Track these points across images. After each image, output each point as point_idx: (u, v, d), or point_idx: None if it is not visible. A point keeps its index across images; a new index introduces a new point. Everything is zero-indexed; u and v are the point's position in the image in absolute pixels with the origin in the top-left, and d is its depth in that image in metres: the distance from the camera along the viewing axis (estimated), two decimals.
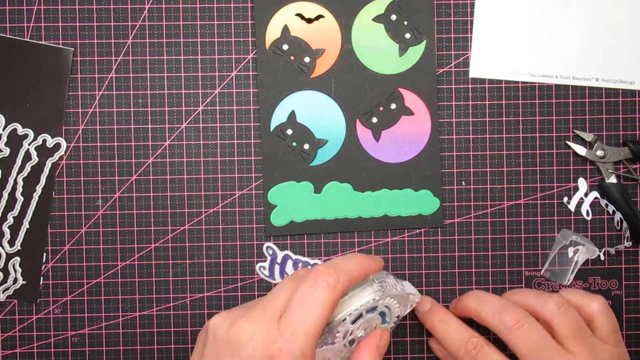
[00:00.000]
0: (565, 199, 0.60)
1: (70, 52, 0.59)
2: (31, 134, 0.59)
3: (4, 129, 0.59)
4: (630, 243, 0.60)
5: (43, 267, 0.59)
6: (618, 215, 0.60)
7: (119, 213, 0.59)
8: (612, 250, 0.60)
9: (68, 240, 0.59)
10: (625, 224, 0.60)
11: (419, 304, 0.57)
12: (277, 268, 0.60)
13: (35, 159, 0.59)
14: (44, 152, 0.59)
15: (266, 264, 0.60)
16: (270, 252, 0.60)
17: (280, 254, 0.60)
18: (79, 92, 0.59)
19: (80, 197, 0.59)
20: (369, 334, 0.52)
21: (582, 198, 0.60)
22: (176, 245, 0.60)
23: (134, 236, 0.59)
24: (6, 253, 0.59)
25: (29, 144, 0.59)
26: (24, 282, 0.59)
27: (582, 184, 0.60)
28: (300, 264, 0.60)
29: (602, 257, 0.60)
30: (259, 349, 0.46)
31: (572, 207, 0.60)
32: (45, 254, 0.59)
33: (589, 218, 0.60)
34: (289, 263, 0.60)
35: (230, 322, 0.48)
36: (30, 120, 0.59)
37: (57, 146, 0.59)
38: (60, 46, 0.59)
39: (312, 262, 0.60)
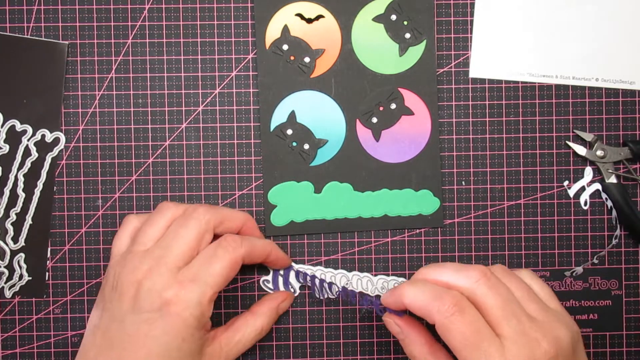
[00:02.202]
0: (566, 183, 0.60)
1: (65, 46, 0.59)
2: (29, 129, 0.59)
3: (2, 126, 0.59)
4: (617, 241, 0.60)
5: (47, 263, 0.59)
6: (614, 214, 0.60)
7: (119, 213, 0.59)
8: (603, 253, 0.60)
9: (68, 240, 0.59)
10: (618, 223, 0.60)
11: None
12: (280, 280, 0.59)
13: (34, 154, 0.59)
14: (43, 147, 0.59)
15: (270, 277, 0.59)
16: None
17: None
18: (79, 92, 0.59)
19: (80, 197, 0.59)
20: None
21: (584, 186, 0.60)
22: None
23: None
24: (10, 250, 0.59)
25: (28, 140, 0.59)
26: (30, 278, 0.59)
27: (588, 172, 0.60)
28: (301, 275, 0.59)
29: (596, 261, 0.60)
30: (156, 299, 0.49)
31: (571, 192, 0.60)
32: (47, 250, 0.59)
33: (586, 207, 0.60)
34: (292, 274, 0.59)
35: (132, 268, 0.50)
36: (28, 116, 0.59)
37: (56, 141, 0.59)
38: (54, 40, 0.59)
39: (315, 269, 0.60)
